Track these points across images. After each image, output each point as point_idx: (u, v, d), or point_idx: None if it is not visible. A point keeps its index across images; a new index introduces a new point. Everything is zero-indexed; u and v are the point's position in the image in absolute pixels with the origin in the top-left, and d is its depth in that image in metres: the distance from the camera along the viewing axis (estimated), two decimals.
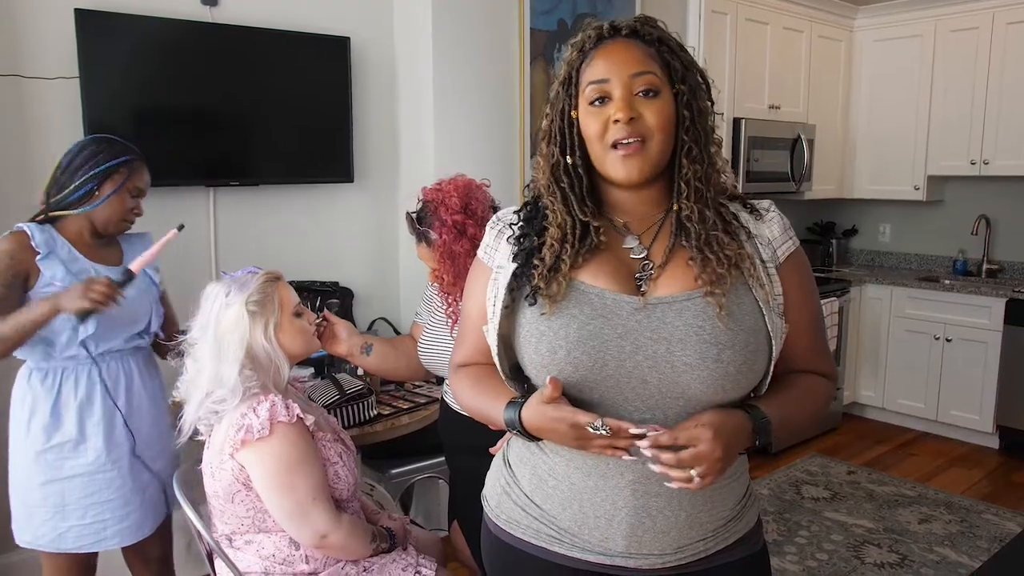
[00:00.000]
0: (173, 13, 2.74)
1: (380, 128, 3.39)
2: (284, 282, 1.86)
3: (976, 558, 3.20)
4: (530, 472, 1.26)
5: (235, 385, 1.70)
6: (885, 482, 3.98)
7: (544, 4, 3.51)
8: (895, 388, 4.81)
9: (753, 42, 4.44)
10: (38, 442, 1.98)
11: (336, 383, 2.40)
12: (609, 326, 1.14)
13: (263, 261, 2.45)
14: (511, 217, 1.29)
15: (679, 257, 1.18)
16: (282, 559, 1.76)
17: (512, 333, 1.22)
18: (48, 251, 1.95)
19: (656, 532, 1.18)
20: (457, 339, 1.39)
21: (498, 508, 1.32)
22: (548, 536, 1.23)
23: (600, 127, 1.15)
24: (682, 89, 1.16)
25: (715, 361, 1.11)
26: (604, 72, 1.15)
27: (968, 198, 4.97)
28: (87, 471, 2.00)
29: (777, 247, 1.22)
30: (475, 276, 1.33)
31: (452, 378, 1.38)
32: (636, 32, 1.17)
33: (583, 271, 1.18)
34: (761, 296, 1.16)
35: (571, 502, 1.20)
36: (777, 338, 1.17)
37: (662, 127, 1.14)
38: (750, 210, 1.24)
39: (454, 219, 1.88)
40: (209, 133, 2.86)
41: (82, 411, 2.00)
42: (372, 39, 3.31)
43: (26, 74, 2.54)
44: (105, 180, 1.99)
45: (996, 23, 4.46)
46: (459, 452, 2.06)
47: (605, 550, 1.20)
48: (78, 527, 2.02)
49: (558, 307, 1.15)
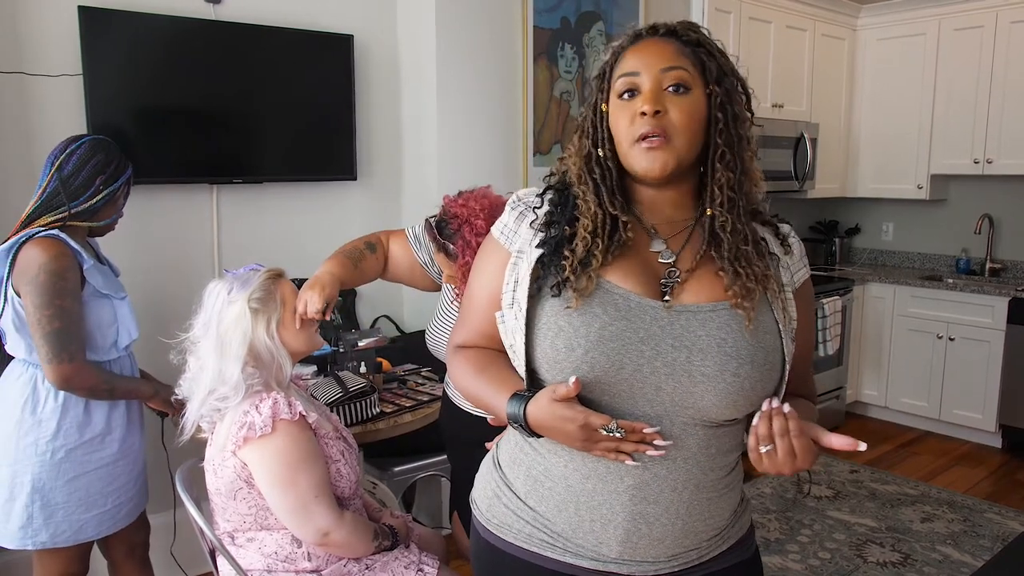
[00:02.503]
0: (177, 11, 2.74)
1: (383, 126, 3.39)
2: (286, 279, 1.86)
3: (979, 557, 3.20)
4: (524, 474, 1.23)
5: (238, 382, 1.70)
6: (888, 481, 3.98)
7: (547, 2, 3.51)
8: (898, 387, 4.80)
9: (756, 41, 4.43)
10: (71, 439, 1.99)
11: (339, 381, 2.40)
12: (631, 329, 1.11)
13: (266, 258, 2.45)
14: (534, 200, 1.25)
15: (707, 267, 1.16)
16: (284, 556, 1.76)
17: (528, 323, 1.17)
18: (90, 261, 2.01)
19: (651, 539, 1.16)
20: (459, 319, 1.34)
21: (488, 512, 1.28)
22: (540, 541, 1.21)
23: (627, 120, 1.13)
24: (716, 91, 1.13)
25: (733, 375, 1.10)
26: (635, 65, 1.14)
27: (971, 197, 4.96)
28: (110, 461, 2.06)
29: (794, 272, 1.22)
30: (488, 257, 1.28)
31: (451, 358, 1.33)
32: (674, 32, 1.16)
33: (610, 270, 1.15)
34: (780, 318, 1.16)
35: (567, 504, 1.18)
36: (789, 359, 1.16)
37: (688, 125, 1.12)
38: (775, 233, 1.23)
39: (478, 241, 1.84)
40: (212, 131, 2.86)
41: (113, 405, 2.06)
42: (375, 37, 3.31)
43: (30, 71, 2.54)
44: (116, 193, 2.07)
45: (1000, 22, 4.45)
46: (460, 444, 2.07)
47: (598, 555, 1.18)
48: (99, 515, 2.05)
49: (582, 304, 1.12)
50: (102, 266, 2.12)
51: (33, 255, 1.90)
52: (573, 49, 3.65)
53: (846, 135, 5.16)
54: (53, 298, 1.88)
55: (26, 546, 2.01)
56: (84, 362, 1.94)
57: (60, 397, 1.98)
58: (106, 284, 2.05)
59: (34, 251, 1.90)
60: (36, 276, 1.88)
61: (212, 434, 1.79)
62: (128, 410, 2.12)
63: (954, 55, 4.65)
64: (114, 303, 2.07)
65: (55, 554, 2.04)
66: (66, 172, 1.99)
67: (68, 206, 1.98)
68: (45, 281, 1.88)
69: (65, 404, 1.99)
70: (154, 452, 2.45)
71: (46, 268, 1.88)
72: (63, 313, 1.90)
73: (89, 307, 1.99)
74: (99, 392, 1.99)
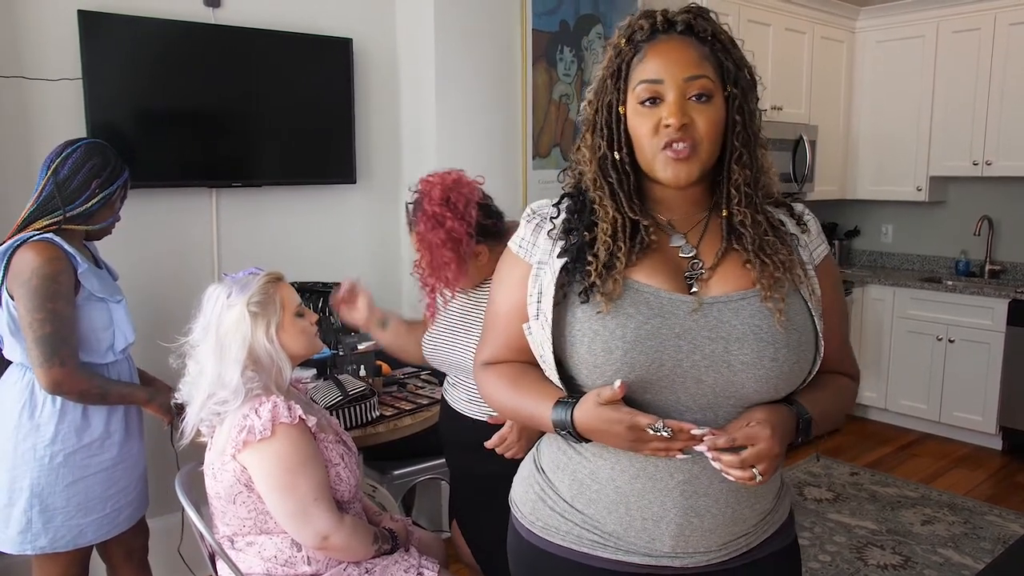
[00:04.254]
0: (176, 15, 2.74)
1: (382, 129, 3.39)
2: (285, 283, 1.86)
3: (980, 560, 3.19)
4: (569, 478, 1.23)
5: (237, 386, 1.70)
6: (888, 483, 3.98)
7: (546, 5, 3.51)
8: (898, 389, 4.80)
9: (755, 43, 4.43)
10: (69, 444, 1.99)
11: (338, 384, 2.40)
12: (667, 326, 1.12)
13: (265, 262, 2.45)
14: (550, 210, 1.25)
15: (732, 259, 1.17)
16: (284, 560, 1.76)
17: (557, 331, 1.18)
18: (85, 264, 1.99)
19: (703, 531, 1.17)
20: (483, 336, 1.35)
21: (532, 515, 1.28)
22: (591, 541, 1.21)
23: (651, 128, 1.13)
24: (734, 92, 1.14)
25: (772, 360, 1.11)
26: (658, 72, 1.13)
27: (970, 199, 4.96)
28: (110, 465, 2.06)
29: (813, 250, 1.23)
30: (508, 271, 1.28)
31: (480, 376, 1.33)
32: (691, 27, 1.15)
33: (636, 269, 1.16)
34: (808, 297, 1.17)
35: (617, 506, 1.18)
36: (823, 337, 1.18)
37: (713, 134, 1.13)
38: (789, 213, 1.24)
39: (433, 210, 1.86)
40: (211, 134, 2.87)
41: (111, 409, 2.05)
42: (374, 40, 3.31)
43: (29, 75, 2.54)
44: (112, 196, 2.05)
45: (998, 24, 4.45)
46: (458, 451, 2.06)
47: (651, 551, 1.19)
48: (98, 519, 2.05)
49: (613, 306, 1.13)
50: (99, 270, 2.11)
51: (27, 259, 1.89)
52: (572, 52, 3.66)
53: (845, 137, 5.17)
54: (45, 302, 1.88)
55: (25, 551, 2.00)
56: (76, 367, 1.93)
57: (58, 401, 1.98)
58: (102, 288, 2.04)
59: (28, 255, 1.90)
60: (28, 280, 1.88)
61: (211, 438, 1.78)
62: (127, 414, 2.11)
63: (953, 57, 4.66)
64: (110, 307, 2.06)
65: (54, 559, 2.04)
66: (62, 176, 1.98)
67: (63, 210, 1.97)
68: (37, 285, 1.88)
69: (63, 408, 1.98)
70: (161, 454, 2.44)
71: (38, 272, 1.88)
72: (54, 317, 1.89)
73: (84, 311, 1.99)
74: (91, 397, 1.98)
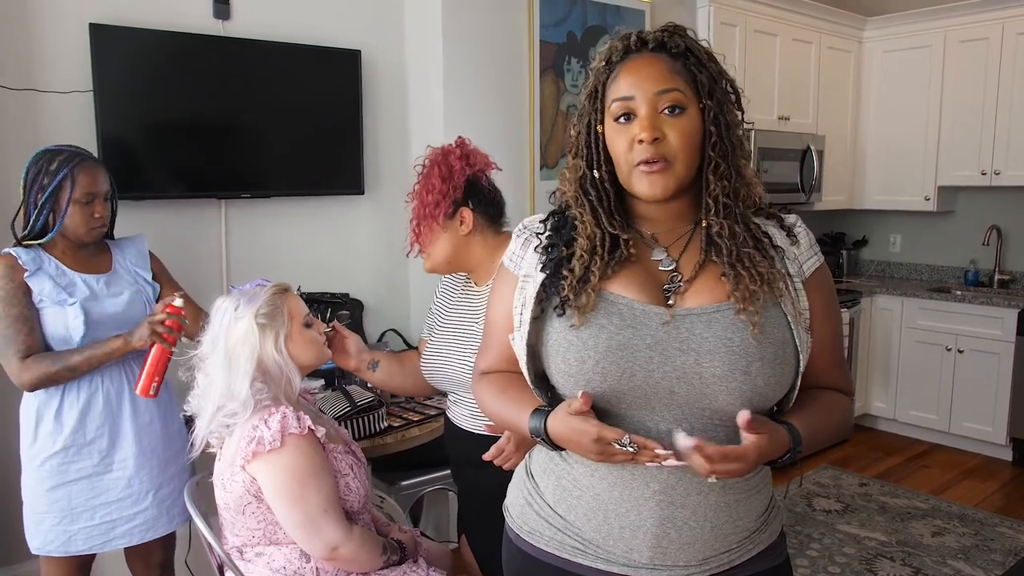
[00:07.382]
0: (186, 27, 2.76)
1: (390, 140, 3.40)
2: (293, 293, 1.87)
3: (991, 572, 3.17)
4: (554, 483, 1.26)
5: (246, 398, 1.71)
6: (898, 494, 3.96)
7: (553, 17, 3.53)
8: (907, 399, 4.78)
9: (762, 54, 4.44)
10: (45, 448, 2.03)
11: (347, 395, 2.41)
12: (638, 336, 1.13)
13: (274, 273, 2.46)
14: (538, 226, 1.29)
15: (709, 271, 1.17)
16: (293, 571, 1.75)
17: (539, 342, 1.22)
18: (36, 268, 2.01)
19: (681, 543, 1.17)
20: (481, 347, 1.40)
21: (520, 519, 1.31)
22: (572, 547, 1.23)
23: (626, 145, 1.15)
24: (709, 104, 1.15)
25: (744, 373, 1.10)
26: (629, 89, 1.15)
27: (979, 208, 4.95)
28: (92, 473, 2.06)
29: (803, 262, 1.22)
30: (501, 284, 1.33)
31: (476, 385, 1.38)
32: (663, 44, 1.16)
33: (612, 282, 1.17)
34: (790, 310, 1.16)
35: (595, 512, 1.20)
36: (804, 351, 1.16)
37: (687, 146, 1.14)
38: (778, 225, 1.23)
39: (447, 147, 1.98)
40: (221, 146, 2.88)
41: (83, 415, 2.05)
42: (383, 52, 3.33)
43: (41, 88, 2.56)
44: (56, 202, 2.01)
45: (1006, 33, 4.45)
46: (464, 466, 2.07)
47: (629, 561, 1.19)
48: (87, 528, 2.06)
49: (587, 317, 1.15)
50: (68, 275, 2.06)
51: None
52: (580, 63, 3.67)
53: (853, 147, 5.16)
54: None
55: (32, 550, 2.08)
56: (28, 360, 1.96)
57: (35, 405, 2.03)
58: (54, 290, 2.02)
59: None
60: None
61: (221, 449, 1.79)
62: (113, 421, 2.08)
63: (960, 67, 4.65)
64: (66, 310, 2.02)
65: (51, 562, 2.10)
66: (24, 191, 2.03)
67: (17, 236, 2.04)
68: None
69: (38, 412, 2.03)
70: None
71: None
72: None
73: (43, 314, 2.01)
74: (60, 377, 1.99)
